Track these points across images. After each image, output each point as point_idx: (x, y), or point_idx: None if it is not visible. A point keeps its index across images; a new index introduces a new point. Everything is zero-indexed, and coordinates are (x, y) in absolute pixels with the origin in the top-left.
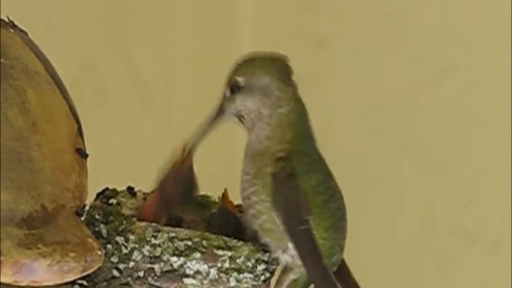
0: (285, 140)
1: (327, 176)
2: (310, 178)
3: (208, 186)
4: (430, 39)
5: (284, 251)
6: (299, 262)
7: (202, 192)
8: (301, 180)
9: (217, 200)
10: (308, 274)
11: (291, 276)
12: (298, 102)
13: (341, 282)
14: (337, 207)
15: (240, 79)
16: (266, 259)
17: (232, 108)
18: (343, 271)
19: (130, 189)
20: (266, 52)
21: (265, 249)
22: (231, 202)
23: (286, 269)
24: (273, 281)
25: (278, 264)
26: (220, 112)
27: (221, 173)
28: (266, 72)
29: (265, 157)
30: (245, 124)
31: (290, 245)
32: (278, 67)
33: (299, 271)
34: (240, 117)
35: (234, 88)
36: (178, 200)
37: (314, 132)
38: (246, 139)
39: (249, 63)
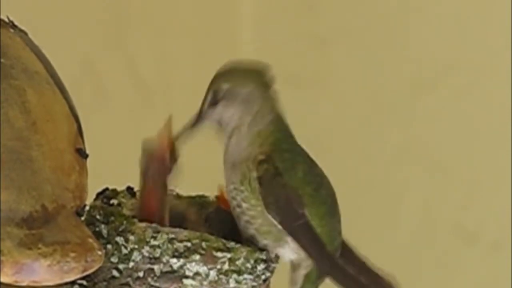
0: (265, 147)
1: (312, 165)
2: (296, 172)
3: (207, 186)
4: (430, 39)
5: (283, 247)
6: (303, 255)
7: (200, 192)
8: (287, 176)
9: (214, 199)
10: (316, 265)
11: (302, 272)
12: (278, 114)
13: (348, 263)
14: (327, 193)
15: (223, 86)
16: (265, 257)
17: (213, 115)
18: (347, 251)
19: (129, 189)
20: (248, 61)
21: (264, 249)
22: (227, 200)
23: (294, 267)
24: (283, 282)
25: (277, 262)
26: (200, 118)
27: (220, 173)
28: (250, 81)
29: (245, 163)
30: (224, 132)
31: (289, 239)
32: (262, 77)
33: (307, 264)
34: (220, 124)
35: (217, 95)
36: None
37: (313, 132)
38: (224, 147)
39: (233, 72)
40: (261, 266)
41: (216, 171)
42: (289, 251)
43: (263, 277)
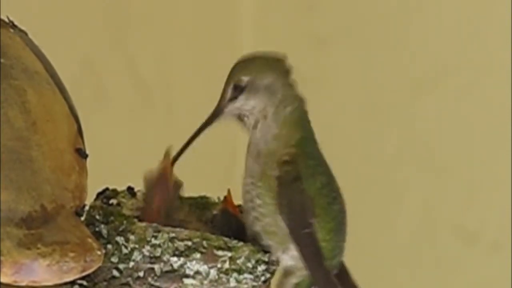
0: (292, 142)
1: (330, 178)
2: (315, 181)
3: (208, 187)
4: (430, 39)
5: (284, 252)
6: (300, 264)
7: (202, 193)
8: (306, 183)
9: (216, 201)
10: (311, 277)
11: (293, 280)
12: (301, 101)
13: (341, 284)
14: (339, 210)
15: (244, 78)
16: (266, 259)
17: (234, 108)
18: (342, 273)
19: (130, 189)
20: (266, 52)
21: (265, 249)
22: (233, 203)
23: (287, 273)
24: (275, 285)
25: (278, 265)
26: (219, 111)
27: (220, 173)
28: (270, 71)
29: (270, 159)
30: (246, 123)
31: (291, 246)
32: (281, 66)
33: (300, 274)
34: (242, 116)
35: (237, 87)
36: (174, 204)
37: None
38: (249, 138)
39: (252, 63)
40: (261, 267)
41: (218, 172)
42: (288, 257)
43: (263, 278)
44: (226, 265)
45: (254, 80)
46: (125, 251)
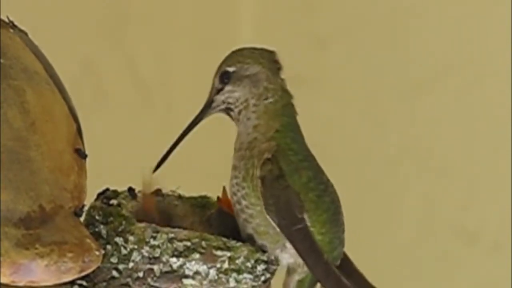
0: (272, 132)
1: (317, 171)
2: (300, 176)
3: (208, 186)
4: (430, 39)
5: (282, 251)
6: (300, 261)
7: (202, 192)
8: (290, 179)
9: (216, 200)
10: (311, 272)
11: (296, 277)
12: (285, 94)
13: (346, 276)
14: (331, 201)
15: (229, 69)
16: (265, 259)
17: (220, 101)
18: (346, 264)
19: (130, 190)
20: (255, 45)
21: (264, 249)
22: (229, 201)
23: (289, 271)
24: (278, 285)
25: (278, 264)
26: (208, 103)
27: (221, 173)
28: (256, 62)
29: (252, 157)
30: (233, 116)
31: (288, 244)
32: (268, 59)
33: (302, 271)
34: (228, 109)
35: (223, 77)
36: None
37: (312, 132)
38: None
39: (239, 54)
40: (261, 267)
41: (218, 171)
42: (287, 255)
43: (262, 278)
44: (225, 265)
45: (240, 71)
46: (124, 251)
